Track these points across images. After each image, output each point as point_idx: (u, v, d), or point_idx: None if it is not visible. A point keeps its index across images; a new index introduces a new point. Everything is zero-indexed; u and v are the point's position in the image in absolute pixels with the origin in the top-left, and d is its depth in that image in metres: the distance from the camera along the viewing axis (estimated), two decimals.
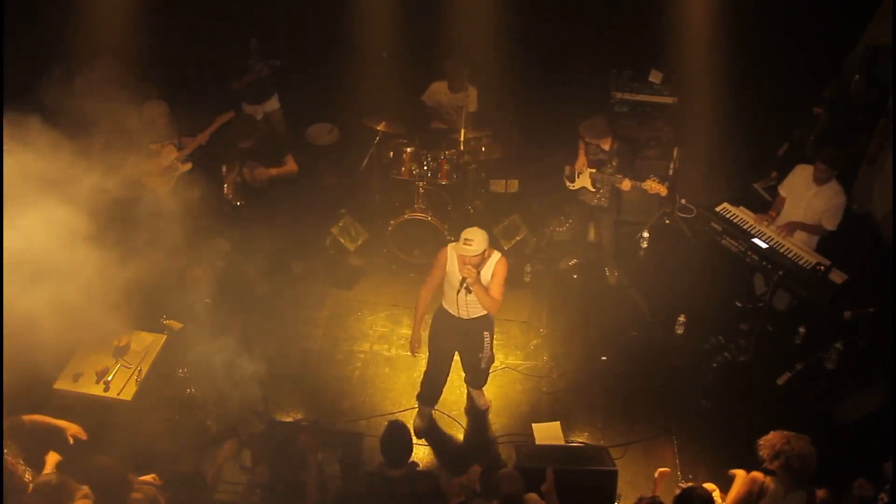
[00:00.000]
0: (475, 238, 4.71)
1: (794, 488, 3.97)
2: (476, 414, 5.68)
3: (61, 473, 3.79)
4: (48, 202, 3.99)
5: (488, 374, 5.55)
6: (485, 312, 5.04)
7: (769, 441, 4.02)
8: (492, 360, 5.40)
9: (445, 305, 5.10)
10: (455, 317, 5.05)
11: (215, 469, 4.36)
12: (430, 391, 5.46)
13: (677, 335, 6.26)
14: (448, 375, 5.42)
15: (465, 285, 4.79)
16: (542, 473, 4.54)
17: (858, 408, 5.32)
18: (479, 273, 4.81)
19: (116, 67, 5.82)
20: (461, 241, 4.72)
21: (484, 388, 5.70)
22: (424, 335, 5.29)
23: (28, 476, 3.90)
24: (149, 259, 4.66)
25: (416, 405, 5.58)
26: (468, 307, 4.96)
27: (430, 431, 5.59)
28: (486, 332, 5.16)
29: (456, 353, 5.36)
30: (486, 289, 4.85)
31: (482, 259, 4.81)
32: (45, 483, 3.64)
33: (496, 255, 4.91)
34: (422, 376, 5.47)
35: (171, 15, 6.49)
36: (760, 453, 4.02)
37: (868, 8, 7.12)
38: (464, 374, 5.55)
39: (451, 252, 4.92)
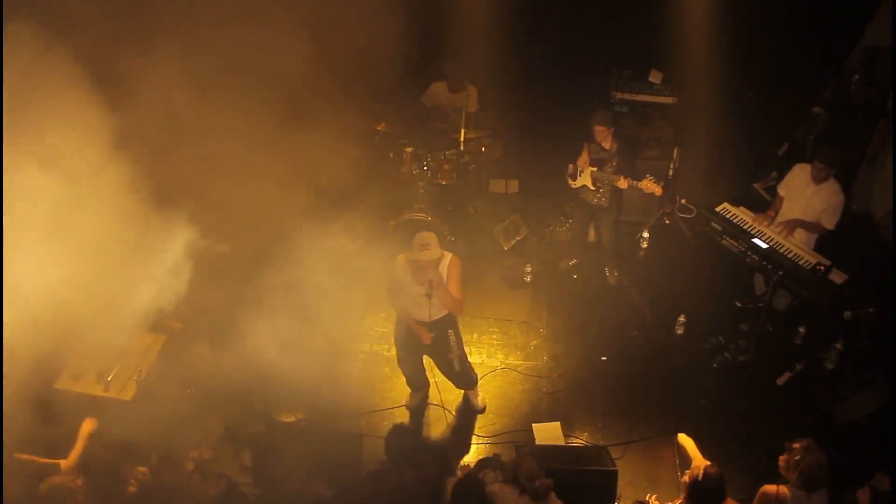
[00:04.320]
0: (430, 241, 4.68)
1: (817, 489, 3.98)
2: (471, 414, 5.68)
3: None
4: None
5: (473, 374, 5.56)
6: (444, 313, 5.03)
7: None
8: (466, 360, 5.38)
9: (412, 312, 5.08)
10: (419, 321, 5.05)
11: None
12: (413, 381, 5.59)
13: (677, 335, 6.26)
14: (421, 369, 5.51)
15: (428, 291, 4.75)
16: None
17: (858, 408, 5.32)
18: (437, 274, 4.80)
19: None
20: (416, 247, 4.67)
21: (479, 389, 5.71)
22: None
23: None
24: None
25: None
26: (427, 310, 4.91)
27: (424, 426, 5.63)
28: (449, 331, 5.15)
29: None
30: (446, 290, 4.84)
31: (438, 261, 4.81)
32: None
33: (448, 255, 4.89)
34: None
35: None
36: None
37: (868, 8, 7.12)
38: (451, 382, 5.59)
39: (401, 261, 4.88)
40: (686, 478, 4.04)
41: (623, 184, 6.09)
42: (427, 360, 5.52)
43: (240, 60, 5.11)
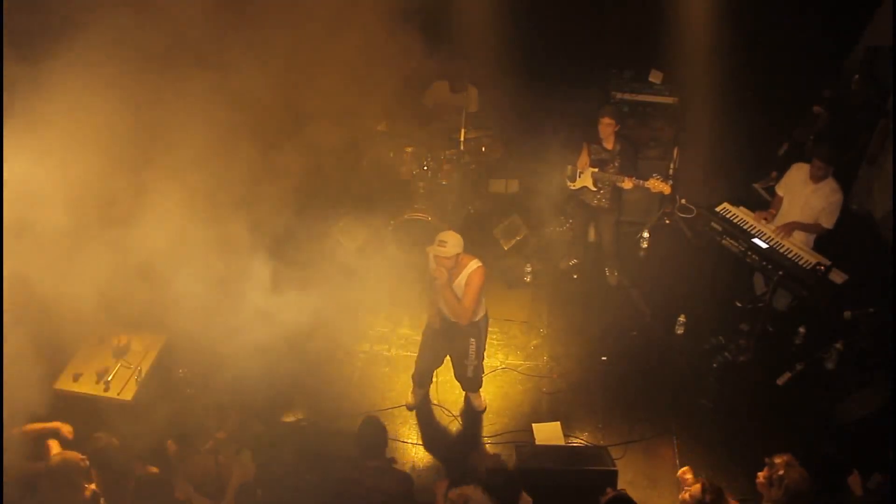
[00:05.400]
0: (449, 240, 4.78)
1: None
2: (472, 415, 5.68)
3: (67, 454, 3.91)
4: None
5: (481, 380, 5.58)
6: (475, 319, 5.08)
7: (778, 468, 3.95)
8: (480, 369, 5.43)
9: (439, 305, 5.17)
10: (445, 318, 5.11)
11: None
12: (420, 375, 5.58)
13: (677, 335, 6.26)
14: (436, 367, 5.53)
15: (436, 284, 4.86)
16: (542, 474, 4.55)
17: (858, 408, 5.32)
18: (451, 277, 4.86)
19: None
20: (436, 241, 4.80)
21: (482, 391, 5.71)
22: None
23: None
24: None
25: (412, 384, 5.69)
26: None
27: (424, 426, 5.63)
28: (472, 339, 5.20)
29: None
30: (454, 294, 4.89)
31: (456, 263, 4.85)
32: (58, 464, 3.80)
33: (474, 264, 4.92)
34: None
35: None
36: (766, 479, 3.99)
37: (868, 8, 7.13)
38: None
39: (430, 254, 4.96)
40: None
41: (628, 184, 6.09)
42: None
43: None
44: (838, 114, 7.33)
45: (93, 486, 3.86)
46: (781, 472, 3.88)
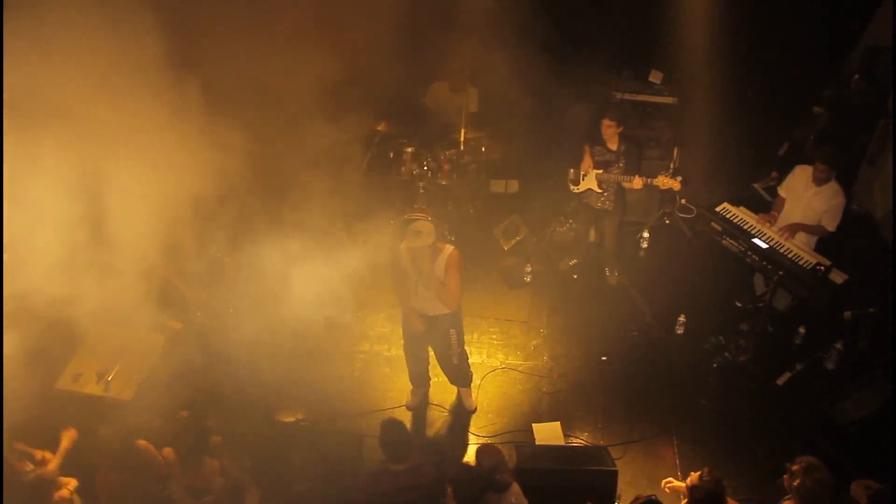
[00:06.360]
0: (423, 230, 4.76)
1: None
2: (471, 414, 5.68)
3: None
4: None
5: (469, 372, 5.57)
6: (444, 310, 5.05)
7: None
8: (464, 356, 5.41)
9: (416, 305, 5.14)
10: (420, 313, 5.09)
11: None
12: (415, 377, 5.60)
13: (677, 335, 6.26)
14: (426, 362, 5.53)
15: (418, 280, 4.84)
16: (542, 473, 4.56)
17: (858, 408, 5.31)
18: (432, 266, 4.83)
19: None
20: (411, 233, 4.76)
21: (473, 389, 5.71)
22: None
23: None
24: None
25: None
26: (429, 303, 4.98)
27: (424, 426, 5.63)
28: (452, 330, 5.19)
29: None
30: (441, 282, 4.87)
31: (434, 252, 4.83)
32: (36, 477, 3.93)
33: (448, 248, 4.91)
34: None
35: None
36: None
37: (868, 8, 7.13)
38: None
39: (403, 250, 4.93)
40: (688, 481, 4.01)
41: (638, 184, 6.07)
42: (431, 357, 5.53)
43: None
44: (838, 114, 7.34)
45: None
46: (797, 483, 3.83)
